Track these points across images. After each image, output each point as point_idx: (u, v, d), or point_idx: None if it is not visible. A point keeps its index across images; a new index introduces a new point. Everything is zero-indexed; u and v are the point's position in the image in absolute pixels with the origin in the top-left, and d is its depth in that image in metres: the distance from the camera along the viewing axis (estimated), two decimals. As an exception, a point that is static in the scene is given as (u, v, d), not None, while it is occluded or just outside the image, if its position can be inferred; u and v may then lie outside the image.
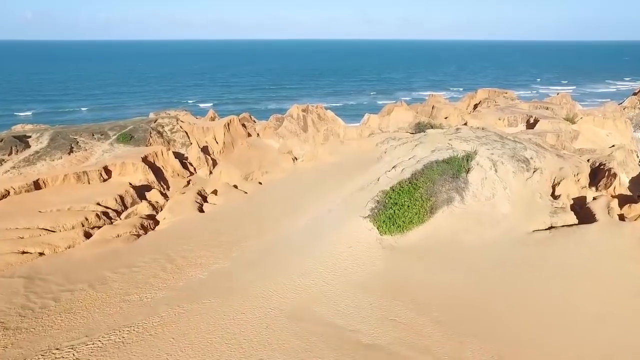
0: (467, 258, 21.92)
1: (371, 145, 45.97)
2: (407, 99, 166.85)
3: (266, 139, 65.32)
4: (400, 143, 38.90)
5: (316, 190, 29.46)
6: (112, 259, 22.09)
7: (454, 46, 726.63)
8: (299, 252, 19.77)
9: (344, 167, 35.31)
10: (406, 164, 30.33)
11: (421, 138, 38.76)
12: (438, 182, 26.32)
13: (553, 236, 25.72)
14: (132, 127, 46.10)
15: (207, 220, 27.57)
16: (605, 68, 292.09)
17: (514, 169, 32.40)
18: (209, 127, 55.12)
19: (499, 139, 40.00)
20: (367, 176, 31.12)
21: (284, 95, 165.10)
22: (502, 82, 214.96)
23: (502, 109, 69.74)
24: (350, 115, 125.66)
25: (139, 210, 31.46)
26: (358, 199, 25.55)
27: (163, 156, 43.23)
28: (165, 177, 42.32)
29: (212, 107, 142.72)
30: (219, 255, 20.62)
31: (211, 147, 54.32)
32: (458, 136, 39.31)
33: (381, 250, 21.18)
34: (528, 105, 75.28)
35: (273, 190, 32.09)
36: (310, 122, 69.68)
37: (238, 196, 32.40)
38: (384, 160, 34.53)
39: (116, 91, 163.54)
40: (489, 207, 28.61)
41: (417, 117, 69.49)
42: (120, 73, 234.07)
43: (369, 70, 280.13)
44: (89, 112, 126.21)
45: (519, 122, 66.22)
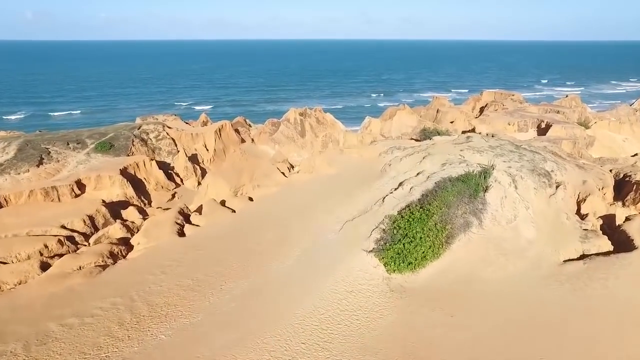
0: (492, 302, 18.16)
1: (373, 154, 42.25)
2: (409, 100, 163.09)
3: (261, 145, 61.60)
4: (405, 154, 35.13)
5: (311, 211, 25.69)
6: (65, 302, 18.33)
7: (454, 46, 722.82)
8: (288, 302, 16.03)
9: (344, 182, 31.55)
10: (415, 182, 26.55)
11: (429, 148, 34.99)
12: (453, 206, 22.54)
13: (589, 269, 21.90)
14: (113, 135, 42.36)
15: (185, 248, 23.78)
16: (608, 68, 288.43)
17: (535, 184, 28.63)
18: (199, 134, 51.46)
19: (515, 149, 36.29)
20: (370, 194, 27.34)
21: (283, 97, 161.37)
22: (505, 83, 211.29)
23: (511, 112, 66.00)
24: (350, 118, 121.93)
25: (110, 233, 27.66)
26: (360, 226, 21.79)
27: (145, 167, 39.48)
28: (148, 191, 38.57)
29: (209, 109, 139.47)
30: (191, 303, 16.85)
31: (201, 154, 50.66)
32: (470, 146, 35.58)
33: (389, 294, 17.43)
34: (537, 108, 71.57)
35: (263, 209, 28.33)
36: (308, 126, 65.94)
37: (224, 216, 28.63)
38: (389, 175, 30.74)
39: (111, 93, 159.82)
40: (511, 232, 24.84)
41: (421, 122, 65.79)
42: (116, 74, 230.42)
43: (369, 71, 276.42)
44: (81, 115, 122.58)
45: (530, 127, 62.50)
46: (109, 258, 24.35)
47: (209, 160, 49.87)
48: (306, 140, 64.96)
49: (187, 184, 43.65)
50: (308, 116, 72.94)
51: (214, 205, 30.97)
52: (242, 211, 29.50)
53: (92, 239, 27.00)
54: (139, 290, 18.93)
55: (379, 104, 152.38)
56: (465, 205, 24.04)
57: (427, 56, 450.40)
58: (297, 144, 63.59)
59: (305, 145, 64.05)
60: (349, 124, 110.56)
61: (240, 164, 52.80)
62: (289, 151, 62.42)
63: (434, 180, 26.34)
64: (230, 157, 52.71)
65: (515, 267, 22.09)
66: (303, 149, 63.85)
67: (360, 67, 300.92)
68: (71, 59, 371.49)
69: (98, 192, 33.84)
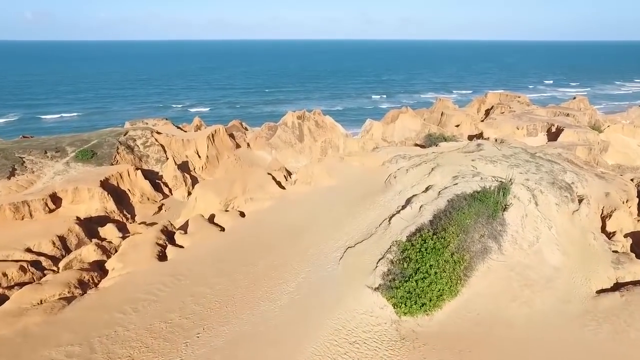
0: (520, 351, 15.24)
1: (376, 162, 39.33)
2: (410, 102, 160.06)
3: (257, 151, 58.69)
4: (412, 164, 32.18)
5: (307, 232, 22.76)
6: (12, 351, 15.38)
7: (454, 46, 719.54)
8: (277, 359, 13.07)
9: (344, 196, 28.61)
10: (424, 199, 23.59)
11: (438, 158, 32.03)
12: (471, 230, 19.62)
13: (629, 304, 18.95)
14: (96, 142, 39.43)
15: (164, 277, 20.85)
16: (611, 68, 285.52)
17: (557, 199, 25.70)
18: (190, 139, 48.51)
19: (531, 159, 33.38)
20: (374, 212, 24.40)
21: (281, 98, 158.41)
22: (507, 83, 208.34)
23: (519, 116, 63.06)
24: (350, 120, 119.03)
25: (83, 255, 24.71)
26: (364, 254, 18.87)
27: (130, 177, 36.53)
28: (132, 203, 35.62)
29: (206, 111, 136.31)
30: (159, 359, 13.90)
31: (192, 162, 47.72)
32: (482, 155, 32.69)
33: (399, 344, 14.51)
34: (546, 111, 68.64)
35: (254, 229, 25.39)
36: (307, 130, 63.00)
37: (211, 237, 25.68)
38: (394, 189, 27.79)
39: (106, 94, 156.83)
40: (534, 258, 21.89)
41: (425, 126, 62.88)
42: (113, 74, 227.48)
43: (370, 71, 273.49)
44: (74, 118, 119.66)
45: (539, 131, 59.58)
46: (77, 288, 21.39)
47: (200, 168, 46.93)
48: (304, 145, 62.02)
49: (176, 194, 40.71)
50: (306, 119, 70.01)
51: (201, 223, 28.01)
52: (232, 230, 26.54)
53: (62, 263, 24.05)
54: (103, 335, 15.99)
55: (380, 105, 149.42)
56: (482, 227, 21.11)
57: (428, 56, 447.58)
58: (295, 149, 60.66)
59: (303, 150, 61.11)
60: (349, 126, 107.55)
61: (234, 171, 49.83)
62: (286, 156, 59.51)
63: (446, 197, 23.38)
64: (224, 163, 49.78)
65: (543, 301, 19.15)
66: (301, 154, 60.92)
67: (361, 68, 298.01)
68: (68, 59, 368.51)
69: (75, 207, 30.89)
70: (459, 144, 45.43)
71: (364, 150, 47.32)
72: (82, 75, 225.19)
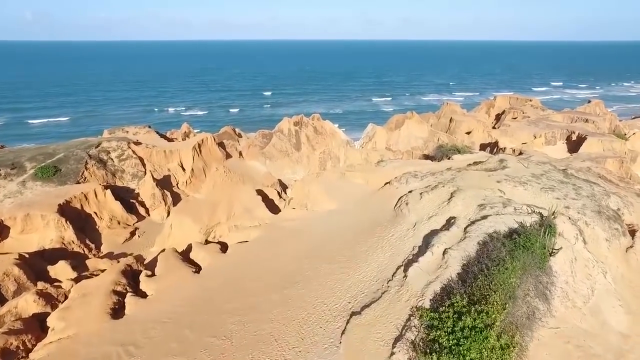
0: None
1: (382, 179, 34.42)
2: (413, 104, 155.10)
3: (250, 161, 53.74)
4: (425, 185, 27.22)
5: (298, 284, 17.84)
6: None
7: (455, 46, 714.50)
8: None
9: (345, 228, 23.71)
10: (448, 239, 18.65)
11: (456, 179, 27.07)
12: (518, 292, 14.68)
13: None
14: (62, 156, 34.50)
15: (111, 347, 15.94)
16: (618, 69, 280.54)
17: (606, 233, 20.79)
18: (174, 151, 43.60)
19: (565, 178, 28.41)
20: (383, 256, 19.48)
21: (280, 101, 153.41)
22: (513, 85, 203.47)
23: (535, 122, 58.16)
24: (351, 124, 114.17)
25: (19, 308, 19.78)
26: (373, 327, 13.95)
27: (97, 198, 31.58)
28: (98, 229, 30.67)
29: (202, 115, 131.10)
30: None
31: (176, 176, 42.78)
32: (508, 175, 27.71)
33: None
34: (562, 116, 63.74)
35: (233, 274, 20.51)
36: (304, 138, 58.04)
37: (181, 283, 20.77)
38: (407, 220, 22.85)
39: (99, 97, 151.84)
40: (593, 320, 16.93)
41: (432, 133, 57.98)
42: (108, 76, 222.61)
43: (370, 72, 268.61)
44: (63, 122, 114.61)
45: (558, 139, 54.70)
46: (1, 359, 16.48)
47: (184, 183, 41.99)
48: (302, 154, 57.09)
49: (154, 215, 35.80)
50: (304, 125, 65.02)
51: (172, 262, 23.06)
52: (208, 273, 21.60)
53: (-9, 319, 19.07)
54: None
55: (382, 108, 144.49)
56: (527, 282, 16.18)
57: (429, 57, 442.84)
58: (291, 158, 55.71)
59: (300, 160, 56.16)
60: (350, 131, 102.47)
61: (222, 185, 44.92)
62: (282, 167, 54.59)
63: (476, 238, 18.42)
64: (212, 177, 44.82)
65: (616, 391, 14.25)
66: (298, 164, 55.98)
67: (361, 69, 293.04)
68: (63, 60, 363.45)
69: (26, 237, 25.97)
70: (474, 156, 40.51)
71: (368, 163, 42.37)
72: (75, 76, 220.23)
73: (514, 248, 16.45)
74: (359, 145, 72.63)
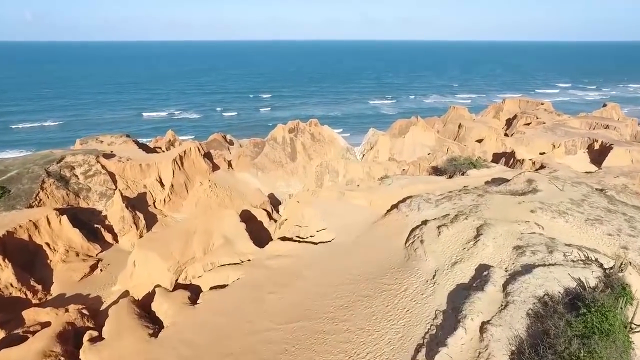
0: None
1: (387, 199, 29.57)
2: (414, 106, 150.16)
3: (240, 172, 48.76)
4: (441, 214, 22.31)
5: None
6: None
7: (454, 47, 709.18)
8: None
9: (344, 272, 18.87)
10: (482, 304, 13.78)
11: (479, 207, 22.16)
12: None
13: None
14: (15, 174, 29.60)
15: None
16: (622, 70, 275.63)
17: (682, 285, 15.75)
18: (151, 164, 38.61)
19: (610, 205, 23.72)
20: (394, 326, 14.58)
21: (277, 103, 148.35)
22: (517, 86, 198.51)
23: (551, 128, 53.29)
24: (351, 129, 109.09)
25: None
26: None
27: (51, 226, 26.64)
28: (50, 264, 25.71)
29: (195, 118, 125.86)
30: None
31: (153, 193, 37.87)
32: (542, 202, 22.87)
33: None
34: (580, 122, 58.85)
35: (201, 340, 15.65)
36: (300, 147, 53.10)
37: (130, 355, 15.82)
38: (423, 266, 17.97)
39: (89, 100, 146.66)
40: None
41: (440, 141, 53.10)
42: (101, 77, 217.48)
43: (370, 73, 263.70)
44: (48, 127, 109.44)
45: (578, 148, 49.80)
46: None
47: (162, 201, 37.05)
48: (297, 165, 52.19)
49: (124, 242, 30.84)
50: (300, 132, 60.12)
51: (125, 320, 18.16)
52: (167, 338, 16.70)
53: None
54: None
55: (382, 111, 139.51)
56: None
57: (429, 57, 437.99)
58: (285, 169, 50.80)
59: (296, 171, 51.25)
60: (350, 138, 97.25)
61: (206, 203, 40.00)
62: (275, 179, 49.67)
63: (523, 305, 13.56)
64: (195, 193, 39.93)
65: None
66: (293, 175, 51.08)
67: (361, 70, 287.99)
68: (59, 61, 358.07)
69: (-49, 281, 20.94)
70: (492, 172, 35.63)
71: (370, 177, 37.50)
72: (67, 78, 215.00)
73: (586, 331, 11.56)
74: (360, 152, 67.68)
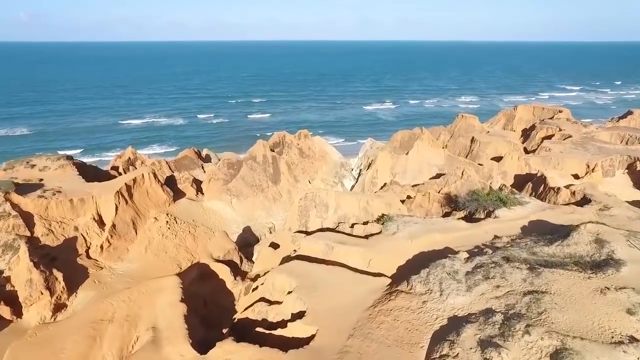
0: None
1: (391, 259, 21.37)
2: (413, 110, 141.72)
3: (211, 201, 40.22)
4: (484, 316, 14.12)
5: None
6: None
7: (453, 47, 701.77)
8: None
9: None
10: None
11: (543, 303, 13.93)
12: None
13: None
14: None
15: None
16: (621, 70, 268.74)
17: None
18: (87, 199, 30.15)
19: None
20: None
21: (269, 108, 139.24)
22: (520, 89, 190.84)
23: (582, 144, 45.18)
24: (346, 137, 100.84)
25: None
26: None
27: None
28: None
29: (178, 125, 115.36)
30: None
31: (87, 237, 29.62)
32: (634, 286, 14.56)
33: None
34: (610, 134, 50.76)
35: None
36: (284, 167, 44.67)
37: None
38: None
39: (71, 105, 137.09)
40: None
41: (451, 159, 44.92)
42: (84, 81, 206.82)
43: (366, 75, 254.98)
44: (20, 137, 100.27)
45: (616, 168, 41.69)
46: None
47: (99, 248, 28.57)
48: (281, 188, 43.73)
49: (30, 316, 22.41)
50: (287, 147, 51.65)
51: None
52: None
53: None
54: None
55: (380, 115, 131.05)
56: None
57: (426, 58, 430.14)
58: (266, 195, 42.33)
59: (278, 198, 42.76)
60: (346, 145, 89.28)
61: (160, 247, 31.52)
62: (253, 208, 41.17)
63: None
64: (145, 234, 31.46)
65: None
66: (276, 202, 42.58)
67: (357, 71, 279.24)
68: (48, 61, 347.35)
69: None
70: (527, 212, 27.30)
71: (368, 215, 29.17)
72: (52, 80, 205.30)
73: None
74: (356, 167, 59.40)
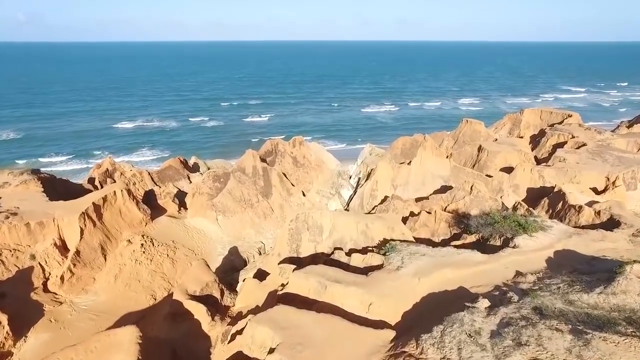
0: None
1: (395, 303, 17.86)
2: (413, 112, 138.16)
3: (194, 218, 36.61)
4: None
5: None
6: None
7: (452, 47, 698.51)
8: None
9: None
10: None
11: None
12: None
13: None
14: None
15: None
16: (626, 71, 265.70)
17: None
18: (47, 222, 26.62)
19: None
20: None
21: (263, 110, 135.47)
22: (521, 90, 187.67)
23: (599, 153, 41.78)
24: (343, 141, 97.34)
25: None
26: None
27: None
28: None
29: (170, 128, 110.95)
30: None
31: (47, 265, 26.16)
32: None
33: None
34: (626, 142, 47.36)
35: None
36: (276, 179, 41.07)
37: None
38: None
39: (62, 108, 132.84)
40: None
41: (457, 170, 41.46)
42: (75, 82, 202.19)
43: (365, 76, 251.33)
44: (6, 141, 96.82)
45: (638, 181, 38.24)
46: None
47: (59, 280, 24.98)
48: (273, 203, 40.12)
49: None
50: (280, 156, 48.10)
51: None
52: None
53: None
54: None
55: (379, 118, 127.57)
56: None
57: (425, 59, 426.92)
58: (256, 210, 38.71)
59: (269, 213, 39.14)
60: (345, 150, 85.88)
61: (133, 274, 27.92)
62: (241, 226, 37.51)
63: None
64: (116, 260, 27.91)
65: None
66: (266, 219, 38.96)
67: (355, 72, 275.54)
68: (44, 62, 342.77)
69: None
70: (551, 239, 23.79)
71: (367, 240, 25.64)
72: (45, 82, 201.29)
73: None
74: (355, 175, 55.94)
